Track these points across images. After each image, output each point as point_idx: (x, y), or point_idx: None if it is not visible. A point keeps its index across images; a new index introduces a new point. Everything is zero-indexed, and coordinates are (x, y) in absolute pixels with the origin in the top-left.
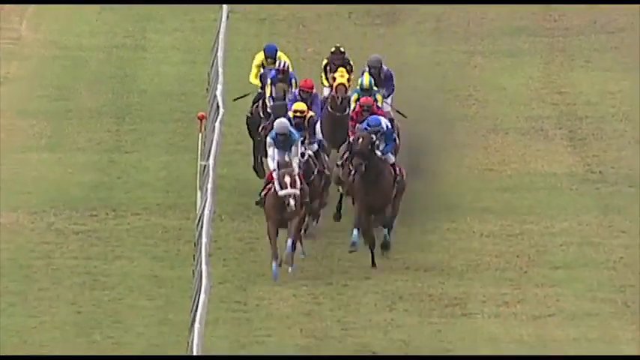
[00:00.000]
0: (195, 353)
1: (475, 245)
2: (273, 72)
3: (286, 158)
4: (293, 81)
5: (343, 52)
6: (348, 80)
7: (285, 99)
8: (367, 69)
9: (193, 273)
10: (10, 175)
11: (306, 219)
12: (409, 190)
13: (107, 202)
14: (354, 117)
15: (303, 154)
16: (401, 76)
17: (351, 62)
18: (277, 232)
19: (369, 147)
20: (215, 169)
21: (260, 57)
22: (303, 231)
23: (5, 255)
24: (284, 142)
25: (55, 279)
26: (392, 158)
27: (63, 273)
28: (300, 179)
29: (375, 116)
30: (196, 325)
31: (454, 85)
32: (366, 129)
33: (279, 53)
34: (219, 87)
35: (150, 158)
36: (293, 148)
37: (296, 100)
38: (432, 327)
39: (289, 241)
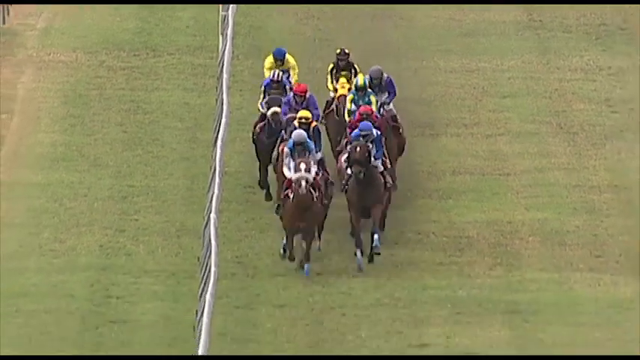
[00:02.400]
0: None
1: (440, 79)
2: (268, 80)
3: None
4: (287, 87)
5: (348, 54)
6: (349, 89)
7: (279, 100)
8: (369, 78)
9: (216, 101)
10: (69, 22)
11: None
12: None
13: (147, 44)
14: (353, 125)
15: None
16: None
17: (356, 65)
18: (294, 239)
19: (367, 155)
20: (234, 17)
21: (270, 60)
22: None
23: (67, 87)
24: (301, 151)
25: (106, 105)
26: (381, 167)
27: (112, 101)
28: (320, 189)
29: (365, 122)
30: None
31: None
32: (358, 134)
33: (287, 56)
34: None
35: (183, 9)
36: (311, 155)
37: (290, 104)
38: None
39: (307, 266)
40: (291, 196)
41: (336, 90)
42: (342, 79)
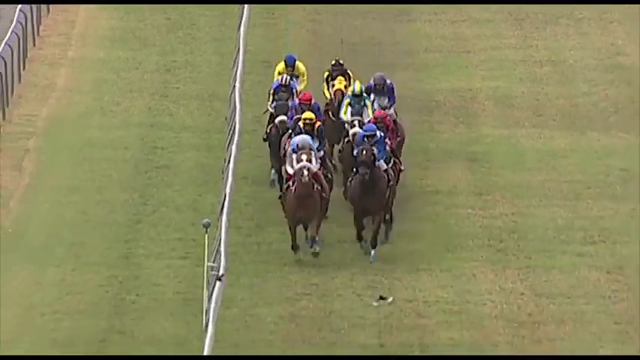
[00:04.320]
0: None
1: None
2: (277, 84)
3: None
4: (294, 90)
5: (342, 64)
6: (346, 87)
7: (286, 107)
8: (372, 84)
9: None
10: None
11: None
12: None
13: None
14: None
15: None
16: None
17: (349, 72)
18: (296, 229)
19: (372, 157)
20: None
21: (281, 65)
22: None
23: None
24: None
25: None
26: (384, 165)
27: None
28: (321, 180)
29: (370, 124)
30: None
31: None
32: (363, 135)
33: (297, 63)
34: None
35: None
36: (313, 158)
37: (296, 110)
38: (385, 25)
39: (311, 242)
40: (293, 188)
41: (330, 94)
42: (340, 77)
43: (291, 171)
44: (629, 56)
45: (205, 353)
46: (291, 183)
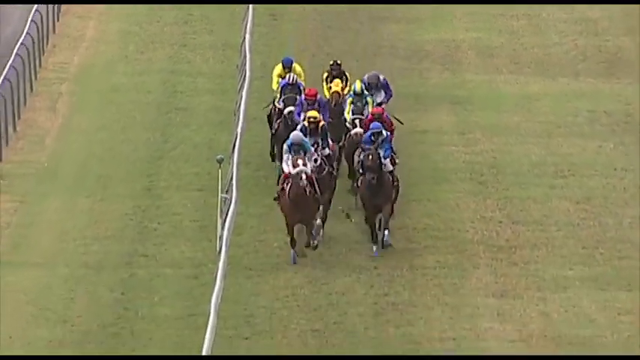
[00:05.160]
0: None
1: None
2: (285, 82)
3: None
4: (301, 88)
5: (340, 65)
6: (342, 89)
7: (295, 99)
8: (366, 83)
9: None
10: None
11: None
12: None
13: None
14: (367, 123)
15: (316, 160)
16: None
17: (347, 73)
18: (294, 228)
19: (378, 161)
20: None
21: (279, 68)
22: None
23: None
24: (297, 150)
25: None
26: (390, 167)
27: None
28: (314, 183)
29: (375, 122)
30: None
31: None
32: (370, 135)
33: (294, 64)
34: None
35: None
36: (307, 154)
37: (302, 106)
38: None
39: (312, 240)
40: (287, 188)
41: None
42: (337, 80)
43: (286, 169)
44: (595, 10)
45: (219, 275)
46: (285, 185)
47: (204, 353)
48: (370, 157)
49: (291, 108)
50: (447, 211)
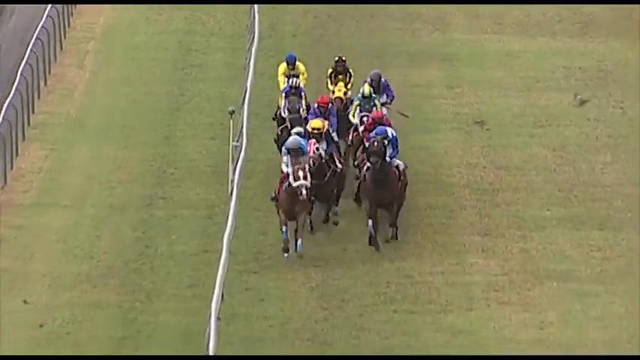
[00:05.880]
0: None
1: None
2: (287, 87)
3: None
4: (302, 94)
5: (344, 61)
6: (345, 94)
7: (298, 110)
8: (369, 80)
9: None
10: None
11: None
12: None
13: None
14: (368, 127)
15: (319, 163)
16: None
17: (351, 70)
18: (287, 223)
19: (382, 149)
20: None
21: (283, 66)
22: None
23: None
24: (296, 154)
25: None
26: (396, 161)
27: None
28: (310, 194)
29: (381, 127)
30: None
31: None
32: (375, 137)
33: (297, 62)
34: None
35: None
36: (305, 158)
37: (315, 114)
38: None
39: (299, 241)
40: (285, 185)
41: (333, 92)
42: (340, 84)
43: (285, 169)
44: None
45: (230, 215)
46: (283, 185)
47: (216, 286)
48: (375, 143)
49: (299, 129)
50: (436, 158)
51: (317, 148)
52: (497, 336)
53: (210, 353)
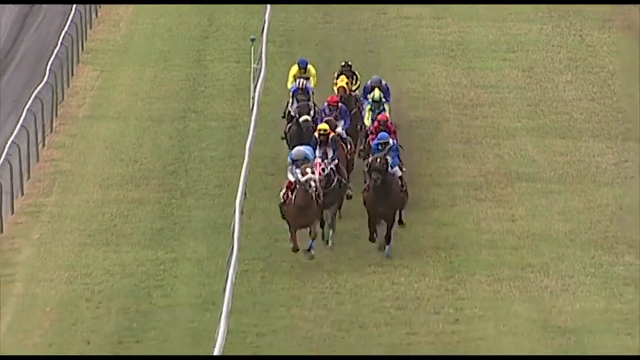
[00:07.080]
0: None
1: None
2: (295, 88)
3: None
4: (310, 93)
5: (350, 66)
6: (347, 84)
7: (308, 107)
8: (369, 85)
9: None
10: None
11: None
12: None
13: None
14: (374, 130)
15: (324, 169)
16: None
17: (357, 74)
18: (296, 232)
19: (385, 165)
20: None
21: (295, 68)
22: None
23: None
24: (301, 163)
25: None
26: (399, 172)
27: None
28: (319, 191)
29: (383, 133)
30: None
31: None
32: (377, 143)
33: (309, 66)
34: None
35: None
36: (310, 163)
37: (325, 112)
38: None
39: (310, 243)
40: (292, 197)
41: (336, 84)
42: (342, 76)
43: (291, 178)
44: None
45: (252, 126)
46: (290, 192)
47: (240, 185)
48: (377, 159)
49: (306, 117)
50: (424, 78)
51: (323, 170)
52: (475, 227)
53: (235, 242)
